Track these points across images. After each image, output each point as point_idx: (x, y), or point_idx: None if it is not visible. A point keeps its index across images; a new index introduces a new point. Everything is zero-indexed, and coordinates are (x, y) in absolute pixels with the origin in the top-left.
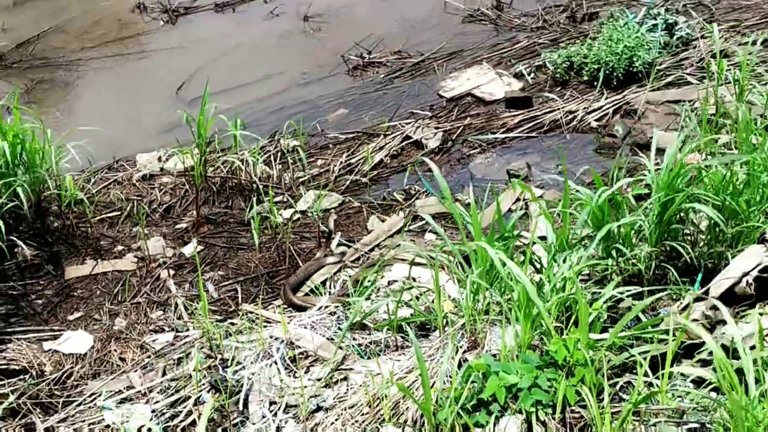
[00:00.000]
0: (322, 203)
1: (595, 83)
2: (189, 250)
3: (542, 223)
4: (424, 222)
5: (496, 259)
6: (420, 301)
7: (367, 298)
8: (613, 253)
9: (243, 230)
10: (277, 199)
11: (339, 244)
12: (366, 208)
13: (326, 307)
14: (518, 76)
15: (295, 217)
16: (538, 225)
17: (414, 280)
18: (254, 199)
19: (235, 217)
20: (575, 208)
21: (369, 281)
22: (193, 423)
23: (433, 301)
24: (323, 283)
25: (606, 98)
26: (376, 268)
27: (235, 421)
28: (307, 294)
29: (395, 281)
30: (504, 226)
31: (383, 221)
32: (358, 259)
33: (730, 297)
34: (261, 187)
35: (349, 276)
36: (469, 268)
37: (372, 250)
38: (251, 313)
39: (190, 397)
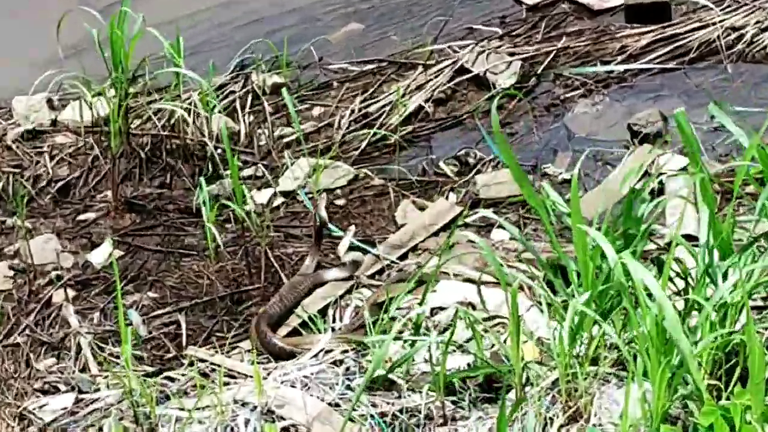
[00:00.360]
0: (320, 179)
1: None
2: (100, 256)
3: (690, 214)
4: (490, 209)
5: (617, 269)
6: (485, 343)
7: (397, 338)
8: None
9: (190, 224)
10: (246, 172)
11: (350, 248)
12: (394, 188)
13: (327, 351)
14: None
15: (275, 203)
16: (683, 217)
17: (473, 307)
18: (208, 172)
19: (177, 202)
20: (745, 191)
21: (399, 309)
22: None
23: (506, 343)
24: (322, 311)
25: None
26: (409, 286)
27: None
28: (294, 331)
29: (442, 308)
30: (629, 218)
31: (422, 209)
32: (380, 272)
33: None
34: (219, 153)
35: (365, 300)
36: (566, 289)
37: (404, 257)
38: (203, 361)
39: None
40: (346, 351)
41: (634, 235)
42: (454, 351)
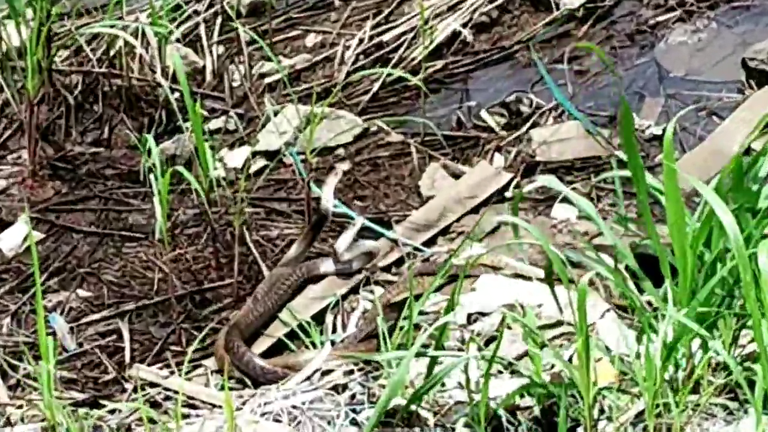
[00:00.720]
0: (314, 133)
1: None
2: (12, 240)
3: None
4: (551, 176)
5: (740, 257)
6: (543, 362)
7: (421, 354)
8: None
9: (135, 196)
10: (213, 125)
11: (359, 231)
12: (418, 147)
13: (325, 372)
14: None
15: (253, 167)
16: None
17: (526, 312)
18: (160, 125)
19: (118, 165)
20: None
21: (424, 314)
22: None
23: (572, 361)
24: (318, 317)
25: None
26: (437, 282)
27: None
28: (278, 345)
29: (483, 314)
30: (742, 189)
31: (456, 176)
32: (399, 262)
33: None
34: (176, 98)
35: (377, 299)
36: (657, 289)
37: (432, 242)
38: (154, 386)
39: None
40: (350, 372)
41: (753, 211)
42: (500, 372)
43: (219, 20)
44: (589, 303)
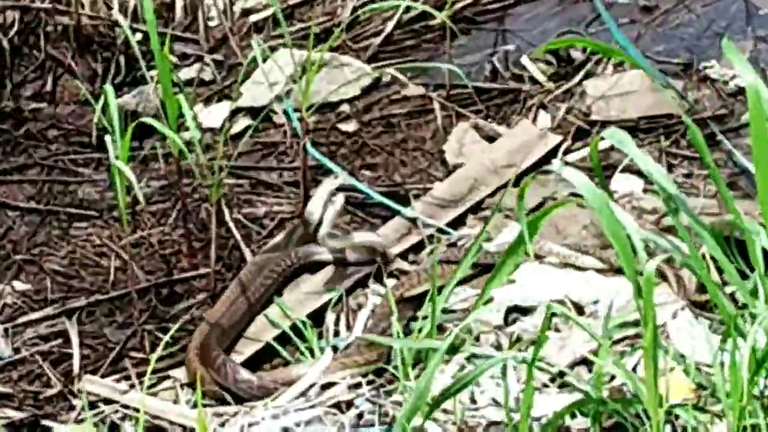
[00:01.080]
0: (312, 84)
1: None
2: None
3: None
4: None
5: None
6: (604, 369)
7: (448, 361)
8: None
9: (87, 164)
10: (185, 74)
11: (358, 206)
12: (442, 102)
13: (326, 386)
14: None
15: (236, 127)
16: None
17: (580, 310)
18: (118, 74)
19: (65, 124)
20: None
21: (449, 312)
22: None
23: (637, 371)
24: (315, 316)
25: None
26: (463, 270)
27: None
28: (265, 351)
29: (524, 312)
30: None
31: (491, 139)
32: (418, 246)
33: None
34: (138, 40)
35: (390, 290)
36: (743, 282)
37: (460, 221)
38: (110, 402)
39: None
40: (357, 385)
41: None
42: (546, 386)
43: None
44: (658, 298)
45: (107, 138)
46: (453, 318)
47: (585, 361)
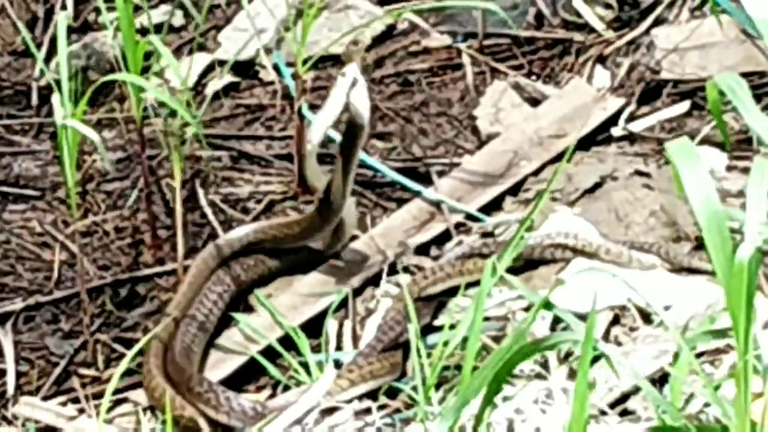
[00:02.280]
0: (308, 31)
1: None
2: None
3: None
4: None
5: None
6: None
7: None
8: None
9: (24, 131)
10: (150, 17)
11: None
12: (473, 55)
13: (327, 411)
14: None
15: (214, 86)
16: None
17: (646, 318)
18: (65, 17)
19: None
20: None
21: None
22: None
23: (724, 393)
24: (312, 325)
25: None
26: (502, 268)
27: None
28: (248, 368)
29: (575, 319)
30: None
31: (535, 102)
32: (443, 237)
33: None
34: None
35: (404, 288)
36: None
37: (495, 205)
38: (53, 431)
39: None
40: (366, 411)
41: None
42: (603, 413)
43: None
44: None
45: (54, 98)
46: (488, 327)
47: (654, 382)
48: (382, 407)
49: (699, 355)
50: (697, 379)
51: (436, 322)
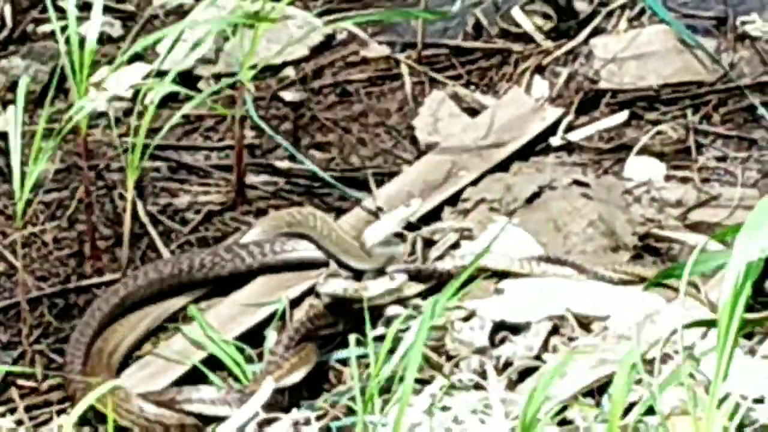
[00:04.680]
0: (257, 39)
1: None
2: None
3: None
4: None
5: None
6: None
7: (419, 392)
8: None
9: None
10: (85, 28)
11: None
12: (412, 65)
13: (263, 423)
14: None
15: (152, 97)
16: None
17: (585, 327)
18: (2, 26)
19: None
20: None
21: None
22: None
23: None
24: (251, 336)
25: None
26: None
27: None
28: (192, 379)
29: (514, 331)
30: None
31: (473, 112)
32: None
33: None
34: None
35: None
36: None
37: (434, 216)
38: None
39: None
40: (305, 422)
41: None
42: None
43: None
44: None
45: (10, 109)
46: (428, 337)
47: (592, 393)
48: (320, 417)
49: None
50: (635, 389)
51: (377, 332)
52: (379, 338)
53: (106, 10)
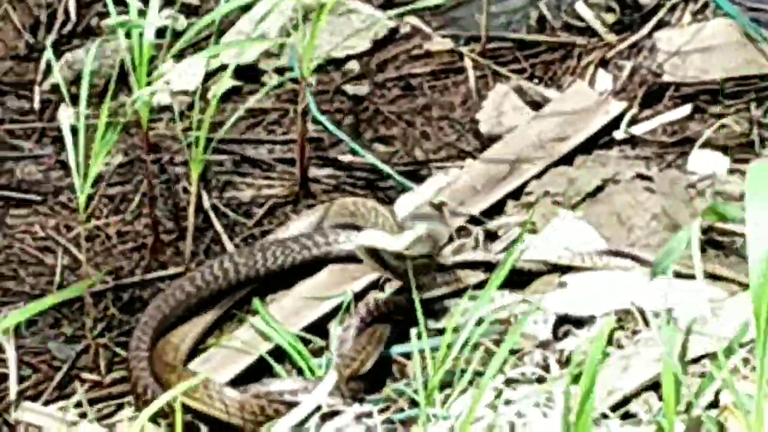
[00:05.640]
0: (317, 32)
1: None
2: None
3: None
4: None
5: None
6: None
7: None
8: None
9: (27, 135)
10: (161, 21)
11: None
12: (476, 59)
13: (326, 416)
14: None
15: (216, 90)
16: None
17: (648, 322)
18: (66, 21)
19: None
20: None
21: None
22: None
23: (717, 397)
24: (316, 328)
25: None
26: (497, 281)
27: None
28: (257, 371)
29: (577, 325)
30: None
31: (537, 107)
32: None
33: None
34: None
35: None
36: None
37: (497, 209)
38: None
39: None
40: (367, 415)
41: None
42: (605, 417)
43: None
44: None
45: (62, 108)
46: (490, 331)
47: (655, 386)
48: (383, 410)
49: (701, 358)
50: (697, 382)
51: (438, 325)
52: (440, 331)
53: (170, 3)
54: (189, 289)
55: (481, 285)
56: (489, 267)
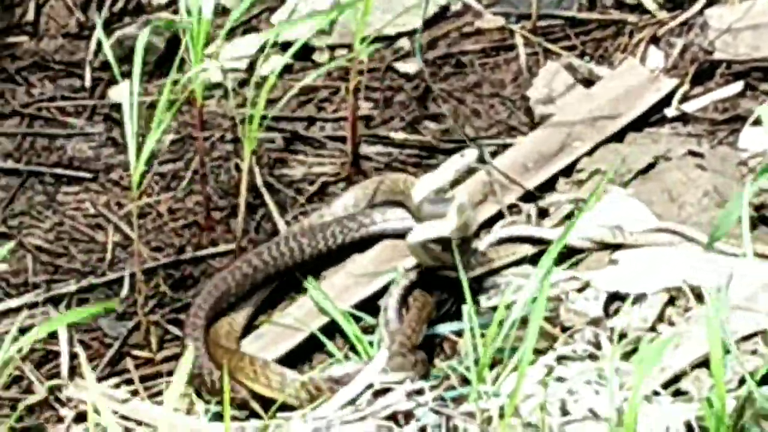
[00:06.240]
0: (369, 7)
1: None
2: None
3: None
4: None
5: None
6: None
7: (533, 362)
8: None
9: (78, 112)
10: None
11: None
12: (527, 36)
13: (377, 394)
14: None
15: (267, 68)
16: None
17: (700, 298)
18: None
19: (51, 62)
20: None
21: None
22: None
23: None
24: (367, 305)
25: None
26: (552, 256)
27: None
28: (307, 348)
29: (634, 299)
30: None
31: (588, 83)
32: (494, 217)
33: None
34: None
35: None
36: None
37: (548, 186)
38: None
39: None
40: (419, 392)
41: None
42: (656, 393)
43: None
44: None
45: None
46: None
47: (706, 364)
48: (434, 387)
49: (753, 336)
50: (748, 359)
51: (488, 303)
52: (492, 309)
53: None
54: (256, 263)
55: (526, 261)
56: (538, 243)
